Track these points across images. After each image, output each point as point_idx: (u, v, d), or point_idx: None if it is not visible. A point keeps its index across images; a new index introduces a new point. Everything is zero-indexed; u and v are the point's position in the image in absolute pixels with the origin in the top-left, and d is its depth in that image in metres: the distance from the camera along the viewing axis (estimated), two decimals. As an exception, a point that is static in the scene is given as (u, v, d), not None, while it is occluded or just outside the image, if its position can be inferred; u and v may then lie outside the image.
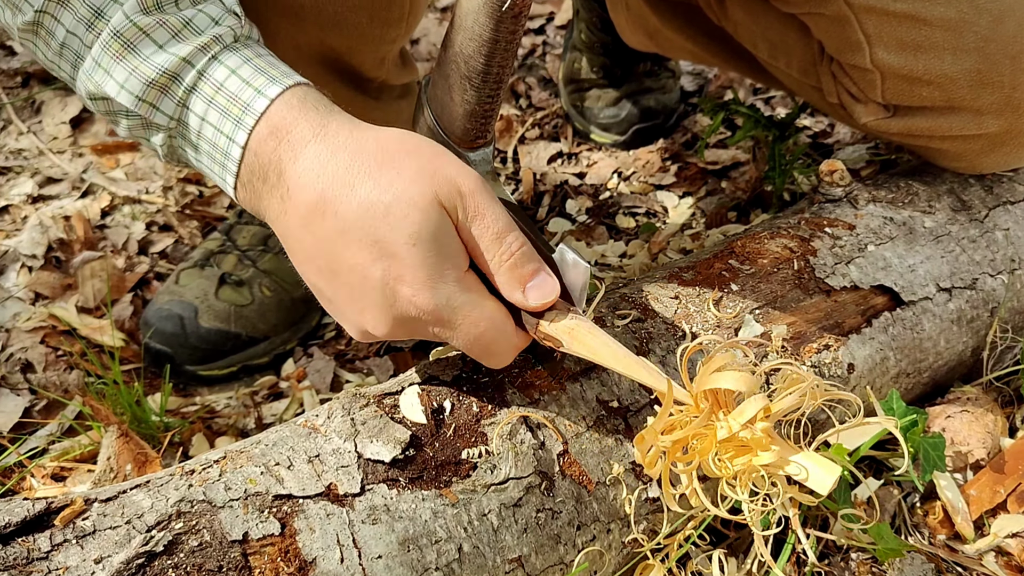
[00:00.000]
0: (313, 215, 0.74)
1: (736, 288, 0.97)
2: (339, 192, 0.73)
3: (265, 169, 0.75)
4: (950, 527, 0.97)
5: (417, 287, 0.72)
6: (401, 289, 0.73)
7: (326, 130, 0.75)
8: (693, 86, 1.87)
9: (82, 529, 0.69)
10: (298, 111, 0.75)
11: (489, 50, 0.77)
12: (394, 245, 0.72)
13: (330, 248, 0.74)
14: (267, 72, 0.77)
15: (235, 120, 0.75)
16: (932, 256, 1.05)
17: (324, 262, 0.75)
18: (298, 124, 0.75)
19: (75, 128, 1.86)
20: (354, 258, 0.73)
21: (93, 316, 1.45)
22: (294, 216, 0.75)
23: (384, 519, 0.75)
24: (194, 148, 0.79)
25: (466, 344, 0.76)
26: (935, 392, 1.09)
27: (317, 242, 0.74)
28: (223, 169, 0.78)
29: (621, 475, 0.84)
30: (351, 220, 0.72)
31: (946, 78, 1.01)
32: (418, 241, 0.72)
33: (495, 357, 0.78)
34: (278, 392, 1.36)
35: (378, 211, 0.72)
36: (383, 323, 0.75)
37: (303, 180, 0.74)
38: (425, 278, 0.72)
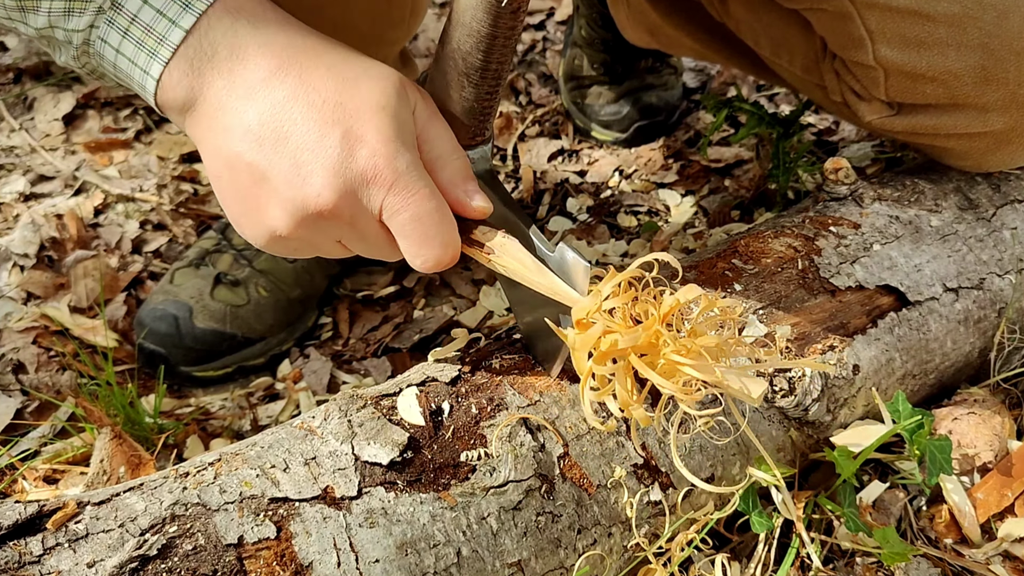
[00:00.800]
0: (271, 78, 0.72)
1: (739, 288, 0.97)
2: (304, 59, 0.73)
3: (216, 44, 0.73)
4: (957, 531, 0.97)
5: (378, 147, 0.72)
6: (360, 149, 0.72)
7: (288, 17, 0.76)
8: (696, 83, 1.87)
9: (75, 533, 0.69)
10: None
11: (487, 46, 0.77)
12: (359, 108, 0.72)
13: (284, 110, 0.72)
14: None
15: (185, 1, 0.73)
16: (939, 255, 1.05)
17: (272, 127, 0.72)
18: (259, 5, 0.75)
19: (68, 125, 1.86)
20: (312, 117, 0.72)
21: (86, 316, 1.45)
22: (242, 86, 0.73)
23: (382, 522, 0.75)
24: (121, 34, 0.74)
25: (410, 220, 0.74)
26: (942, 394, 1.09)
27: (268, 106, 0.72)
28: (155, 50, 0.73)
29: (623, 478, 0.84)
30: (315, 81, 0.72)
31: (950, 75, 1.01)
32: (385, 108, 0.73)
33: (432, 242, 0.76)
34: (274, 393, 1.36)
35: (347, 75, 0.73)
36: (329, 188, 0.72)
37: (265, 46, 0.73)
38: (387, 140, 0.73)
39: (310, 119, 0.72)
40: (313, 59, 0.74)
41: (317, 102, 0.72)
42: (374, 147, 0.72)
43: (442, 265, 0.77)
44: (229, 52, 0.73)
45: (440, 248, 0.76)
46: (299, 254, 0.80)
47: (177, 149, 1.79)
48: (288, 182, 0.72)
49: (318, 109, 0.72)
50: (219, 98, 0.73)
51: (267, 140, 0.72)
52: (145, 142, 1.83)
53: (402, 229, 0.75)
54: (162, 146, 1.80)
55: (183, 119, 0.76)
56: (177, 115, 0.76)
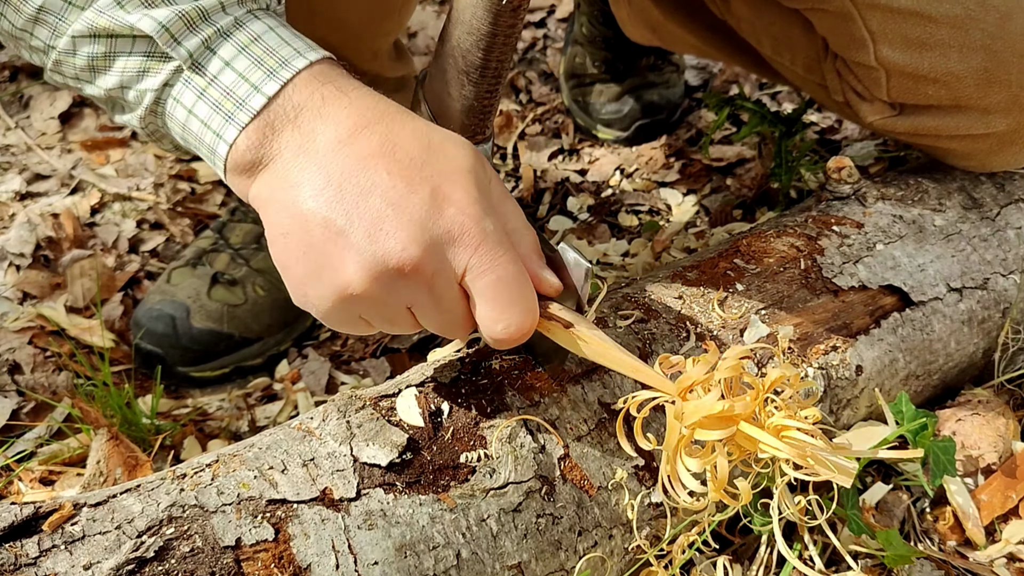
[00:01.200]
0: (356, 135, 0.70)
1: (741, 288, 0.97)
2: (390, 120, 0.72)
3: (300, 107, 0.71)
4: (960, 533, 0.97)
5: (466, 206, 0.71)
6: (448, 207, 0.70)
7: (369, 88, 0.75)
8: (697, 81, 1.87)
9: (71, 534, 0.69)
10: (340, 68, 0.75)
11: (487, 44, 0.77)
12: (446, 170, 0.71)
13: (369, 166, 0.70)
14: (302, 39, 0.75)
15: (271, 69, 0.71)
16: (942, 255, 1.05)
17: (354, 182, 0.70)
18: (344, 75, 0.74)
19: (64, 123, 1.86)
20: (399, 174, 0.70)
21: (82, 316, 1.45)
22: (324, 142, 0.71)
23: (380, 524, 0.75)
24: (197, 95, 0.73)
25: (495, 283, 0.72)
26: (945, 395, 1.09)
27: (352, 161, 0.70)
28: (232, 113, 0.72)
29: (624, 480, 0.84)
30: (402, 140, 0.71)
31: (952, 76, 1.01)
32: (472, 171, 0.72)
33: (516, 307, 0.73)
34: (272, 394, 1.36)
35: (433, 140, 0.73)
36: (413, 242, 0.69)
37: (349, 108, 0.72)
38: (474, 202, 0.71)
39: (396, 175, 0.70)
40: (399, 120, 0.72)
41: (404, 160, 0.70)
42: (462, 206, 0.70)
43: (522, 333, 0.74)
44: (313, 114, 0.71)
45: (523, 314, 0.73)
46: (362, 327, 0.77)
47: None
48: (369, 235, 0.69)
49: (405, 166, 0.70)
50: (297, 156, 0.71)
51: (349, 193, 0.69)
52: (142, 141, 1.82)
53: (485, 291, 0.72)
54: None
55: (249, 181, 0.74)
56: (244, 178, 0.74)
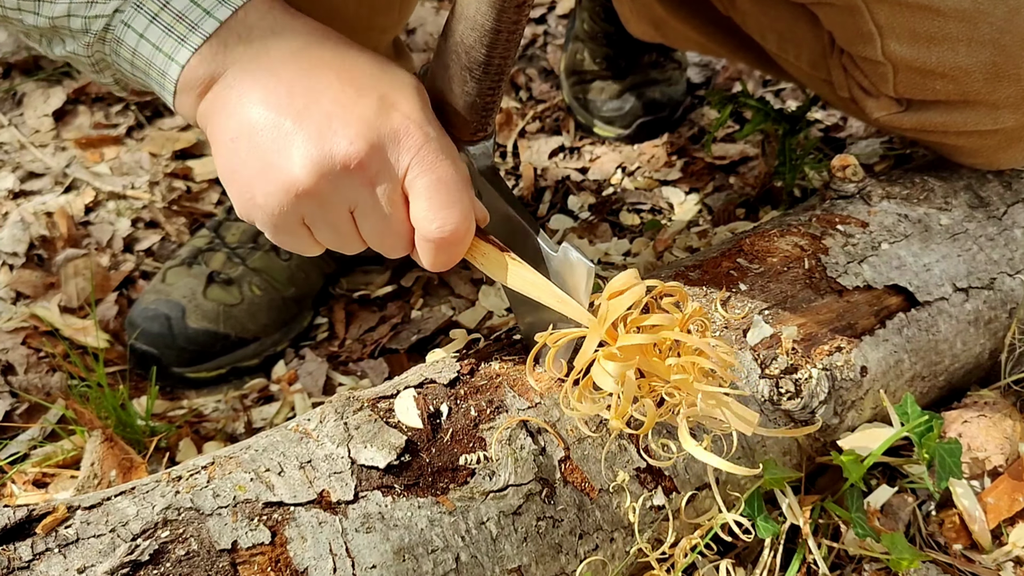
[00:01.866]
0: (308, 46, 0.76)
1: (744, 288, 0.97)
2: (340, 40, 0.79)
3: (251, 27, 0.75)
4: (967, 536, 0.97)
5: (412, 112, 0.76)
6: (394, 112, 0.75)
7: None
8: (700, 78, 1.87)
9: (65, 537, 0.69)
10: None
11: (491, 40, 0.77)
12: (393, 83, 0.77)
13: (321, 71, 0.75)
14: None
15: None
16: (948, 255, 1.05)
17: (305, 86, 0.74)
18: (290, 9, 0.78)
19: (58, 121, 1.86)
20: (349, 81, 0.75)
21: (76, 316, 1.45)
22: (277, 53, 0.75)
23: (379, 527, 0.75)
24: (150, 19, 0.76)
25: (436, 182, 0.76)
26: (951, 396, 1.09)
27: (305, 67, 0.75)
28: (185, 36, 0.75)
29: (625, 482, 0.84)
30: (353, 56, 0.78)
31: (960, 71, 1.01)
32: (417, 90, 0.79)
33: (454, 208, 0.76)
34: (268, 395, 1.36)
35: (382, 60, 0.79)
36: (360, 138, 0.73)
37: (301, 28, 0.77)
38: (419, 110, 0.77)
39: (347, 82, 0.75)
40: (348, 42, 0.79)
41: (354, 70, 0.76)
42: (407, 112, 0.76)
43: (456, 236, 0.77)
44: (266, 31, 0.76)
45: (459, 215, 0.76)
46: (302, 235, 0.79)
47: (170, 146, 1.79)
48: (319, 132, 0.73)
49: (355, 75, 0.76)
50: (247, 65, 0.75)
51: (299, 96, 0.74)
52: (137, 138, 1.82)
53: (423, 191, 0.76)
54: (154, 142, 1.80)
55: (199, 100, 0.77)
56: (194, 97, 0.77)
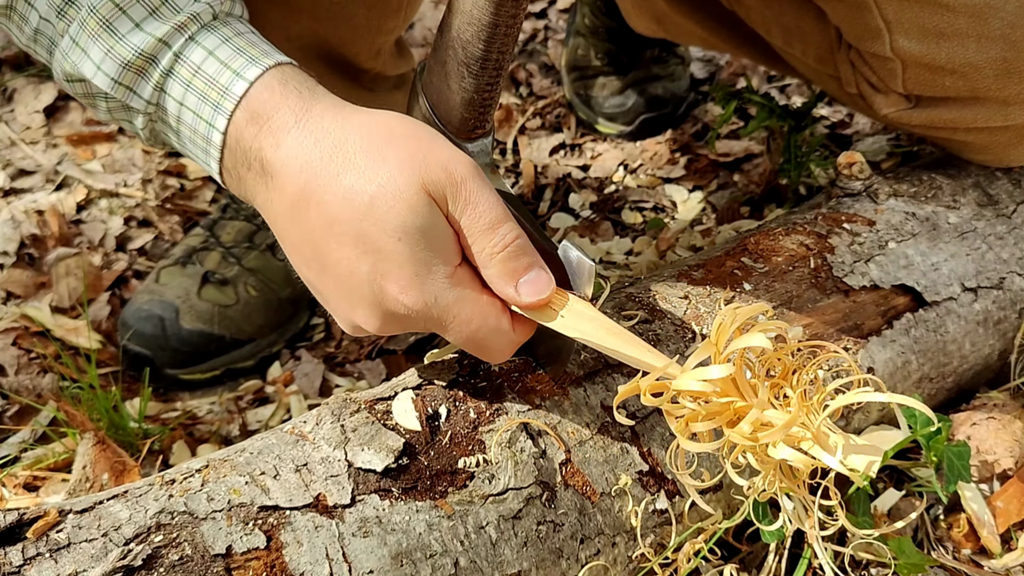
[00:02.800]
0: (298, 206, 0.74)
1: (749, 288, 0.97)
2: (323, 182, 0.73)
3: (248, 157, 0.76)
4: (975, 541, 0.97)
5: (404, 284, 0.73)
6: (388, 287, 0.73)
7: (309, 115, 0.75)
8: (704, 73, 1.87)
9: (56, 542, 0.69)
10: (279, 95, 0.75)
11: (488, 35, 0.76)
12: (379, 240, 0.72)
13: (316, 241, 0.74)
14: (247, 52, 0.76)
15: (214, 105, 0.75)
16: (957, 254, 1.05)
17: (311, 254, 0.76)
18: (279, 109, 0.75)
19: (49, 117, 1.86)
20: (340, 252, 0.74)
21: (68, 316, 1.45)
22: (280, 205, 0.76)
23: (376, 532, 0.75)
24: (175, 133, 0.79)
25: (460, 341, 0.77)
26: (960, 398, 1.09)
27: (303, 234, 0.75)
28: (206, 155, 0.78)
29: (627, 486, 0.84)
30: (335, 212, 0.73)
31: (970, 67, 1.01)
32: (404, 235, 0.72)
33: (490, 353, 0.79)
34: (264, 397, 1.36)
35: (362, 202, 0.72)
36: (374, 319, 0.76)
37: (286, 169, 0.74)
38: (412, 275, 0.73)
39: (338, 253, 0.74)
40: (330, 183, 0.73)
41: (341, 236, 0.73)
42: (400, 283, 0.73)
43: (503, 360, 0.82)
44: (259, 167, 0.76)
45: (495, 355, 0.80)
46: None
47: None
48: (338, 306, 0.78)
49: (341, 244, 0.74)
50: (265, 210, 0.79)
51: (312, 265, 0.77)
52: (129, 135, 1.82)
53: (457, 344, 0.79)
54: (147, 139, 1.80)
55: None
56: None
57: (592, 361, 0.87)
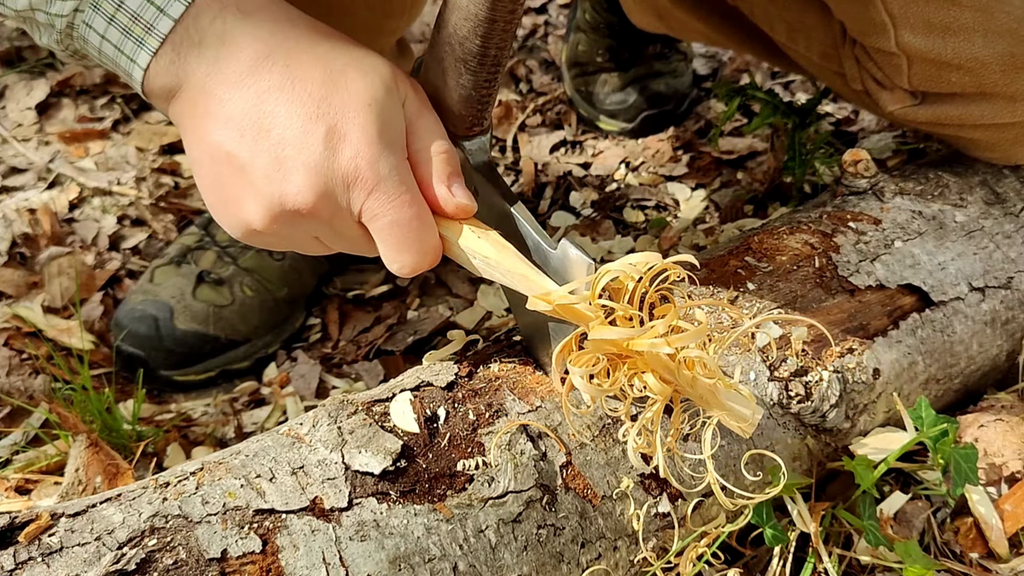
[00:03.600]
0: (257, 67, 0.74)
1: (753, 287, 0.97)
2: (292, 48, 0.75)
3: (204, 32, 0.74)
4: (983, 545, 0.97)
5: (362, 147, 0.74)
6: (343, 149, 0.74)
7: (281, 4, 0.77)
8: (706, 69, 1.87)
9: (48, 546, 0.69)
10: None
11: (486, 31, 0.76)
12: (346, 104, 0.74)
13: (268, 101, 0.74)
14: None
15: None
16: (964, 253, 1.05)
17: (254, 119, 0.74)
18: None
19: (41, 114, 1.86)
20: (296, 112, 0.73)
21: (60, 317, 1.45)
22: (227, 73, 0.74)
23: (373, 535, 0.75)
24: (107, 20, 0.75)
25: (388, 225, 0.76)
26: (967, 399, 1.09)
27: (252, 96, 0.74)
28: (143, 38, 0.74)
29: (629, 489, 0.84)
30: (302, 72, 0.74)
31: (977, 62, 1.01)
32: (371, 104, 0.74)
33: (410, 249, 0.78)
34: (259, 399, 1.36)
35: (335, 67, 0.75)
36: (309, 187, 0.73)
37: (252, 34, 0.74)
38: (372, 140, 0.74)
39: (294, 113, 0.73)
40: (301, 49, 0.75)
41: (302, 95, 0.73)
42: (357, 147, 0.74)
43: (419, 270, 0.79)
44: (217, 40, 0.74)
45: (417, 256, 0.78)
46: (276, 247, 0.82)
47: (157, 140, 1.79)
48: (267, 177, 0.74)
49: (302, 103, 0.73)
50: (203, 85, 0.75)
51: (248, 131, 0.74)
52: (123, 132, 1.82)
53: (380, 233, 0.77)
54: (141, 137, 1.80)
55: (167, 106, 0.78)
56: (162, 102, 0.78)
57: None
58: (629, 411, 0.79)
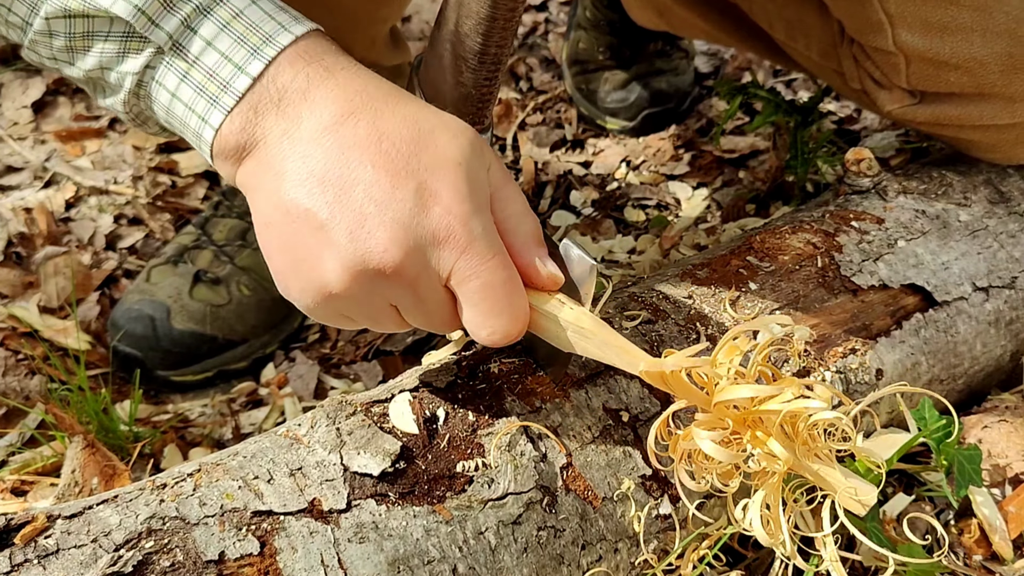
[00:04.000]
0: (342, 123, 0.71)
1: (755, 287, 0.97)
2: (380, 106, 0.72)
3: (284, 89, 0.72)
4: (987, 547, 0.97)
5: (453, 206, 0.70)
6: (434, 207, 0.70)
7: (359, 65, 0.75)
8: (708, 67, 1.87)
9: (44, 548, 0.69)
10: (329, 42, 0.74)
11: (487, 28, 0.77)
12: (435, 163, 0.71)
13: (353, 156, 0.70)
14: (287, 11, 0.75)
15: (254, 47, 0.72)
16: (968, 252, 1.05)
17: (337, 173, 0.70)
18: (332, 51, 0.74)
19: (37, 113, 1.86)
20: (384, 167, 0.70)
21: (57, 317, 1.45)
22: (309, 130, 0.71)
23: (372, 537, 0.75)
24: (180, 77, 0.73)
25: (481, 288, 0.73)
26: (971, 400, 1.09)
27: (336, 151, 0.70)
28: (217, 97, 0.72)
29: (630, 490, 0.84)
30: (390, 129, 0.71)
31: (975, 62, 1.01)
32: (461, 164, 0.71)
33: (503, 314, 0.74)
34: (257, 399, 1.36)
35: (423, 127, 0.72)
36: (396, 244, 0.69)
37: (337, 92, 0.72)
38: (464, 199, 0.71)
39: (381, 169, 0.70)
40: (389, 108, 0.72)
41: (390, 151, 0.70)
42: (449, 205, 0.70)
43: (508, 340, 0.75)
44: (299, 96, 0.72)
45: (510, 321, 0.74)
46: (343, 323, 0.78)
47: (154, 139, 1.79)
48: (351, 233, 0.69)
49: (391, 159, 0.70)
50: (281, 142, 0.72)
51: (331, 186, 0.70)
52: (120, 131, 1.82)
53: (471, 297, 0.73)
54: (138, 135, 1.80)
55: (236, 168, 0.75)
56: (230, 164, 0.75)
57: (594, 363, 0.87)
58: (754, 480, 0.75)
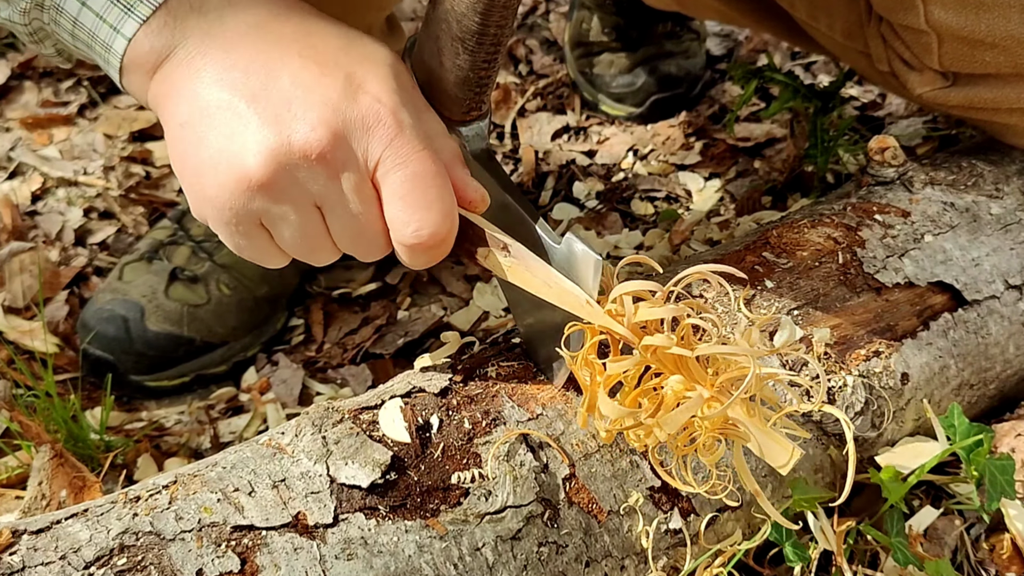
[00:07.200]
0: (268, 22, 0.74)
1: (771, 285, 0.97)
2: (306, 10, 0.77)
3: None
4: (1020, 563, 0.97)
5: (383, 95, 0.74)
6: (362, 94, 0.73)
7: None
8: (721, 50, 1.87)
9: (9, 565, 0.69)
10: None
11: (485, 7, 0.76)
12: (365, 57, 0.75)
13: (280, 49, 0.73)
14: None
15: None
16: (1000, 248, 1.05)
17: (263, 64, 0.72)
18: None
19: (1, 99, 1.86)
20: (312, 59, 0.73)
21: (22, 317, 1.45)
22: (234, 27, 0.73)
23: (361, 554, 0.75)
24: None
25: (410, 178, 0.74)
26: (1003, 406, 1.09)
27: (261, 44, 0.73)
28: (132, 5, 0.73)
29: (638, 503, 0.84)
30: (318, 28, 0.76)
31: (1013, 40, 1.01)
32: (392, 65, 0.77)
33: (432, 208, 0.75)
34: (238, 406, 1.36)
35: (352, 32, 0.78)
36: (323, 125, 0.71)
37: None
38: (393, 91, 0.75)
39: (310, 59, 0.73)
40: (315, 13, 0.77)
41: (319, 45, 0.74)
42: (378, 94, 0.74)
43: (436, 239, 0.75)
44: (220, 1, 0.74)
45: (439, 215, 0.75)
46: (266, 244, 0.78)
47: (126, 126, 1.79)
48: (276, 116, 0.71)
49: (319, 51, 0.74)
50: (202, 42, 0.73)
51: (255, 75, 0.72)
52: (90, 118, 1.83)
53: (397, 188, 0.74)
54: (109, 123, 1.80)
55: (148, 80, 0.76)
56: (142, 76, 0.76)
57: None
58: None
